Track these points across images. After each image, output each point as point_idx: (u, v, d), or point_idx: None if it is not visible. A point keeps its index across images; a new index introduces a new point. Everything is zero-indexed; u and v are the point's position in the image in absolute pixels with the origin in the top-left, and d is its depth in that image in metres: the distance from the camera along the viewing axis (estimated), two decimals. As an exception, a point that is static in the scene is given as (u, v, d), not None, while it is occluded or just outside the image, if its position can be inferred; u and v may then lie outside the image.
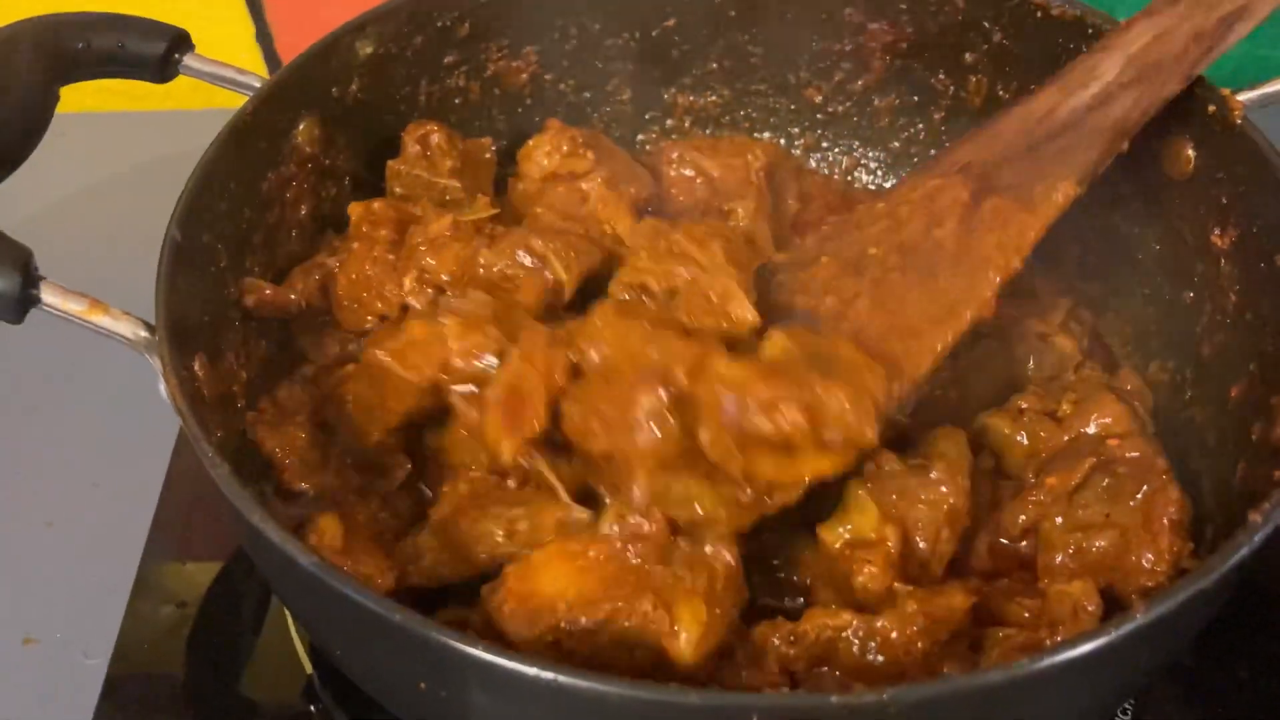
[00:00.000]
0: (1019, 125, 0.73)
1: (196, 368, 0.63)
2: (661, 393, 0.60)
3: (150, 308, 0.61)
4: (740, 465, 0.60)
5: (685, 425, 0.60)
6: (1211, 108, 0.70)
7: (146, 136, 0.98)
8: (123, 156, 0.98)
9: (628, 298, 0.70)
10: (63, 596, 0.75)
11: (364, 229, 0.74)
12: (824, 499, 0.64)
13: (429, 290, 0.72)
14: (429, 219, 0.74)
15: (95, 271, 0.64)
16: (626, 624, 0.57)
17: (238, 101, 0.72)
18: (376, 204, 0.75)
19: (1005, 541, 0.66)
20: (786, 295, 0.73)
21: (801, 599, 0.66)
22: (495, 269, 0.71)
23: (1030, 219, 0.68)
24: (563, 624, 0.57)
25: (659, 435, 0.60)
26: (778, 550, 0.67)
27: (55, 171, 0.71)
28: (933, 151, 0.86)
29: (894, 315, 0.68)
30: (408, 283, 0.72)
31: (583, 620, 0.57)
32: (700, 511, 0.61)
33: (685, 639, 0.57)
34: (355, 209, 0.75)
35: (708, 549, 0.60)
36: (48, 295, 0.60)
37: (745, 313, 0.68)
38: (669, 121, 0.91)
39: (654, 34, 0.86)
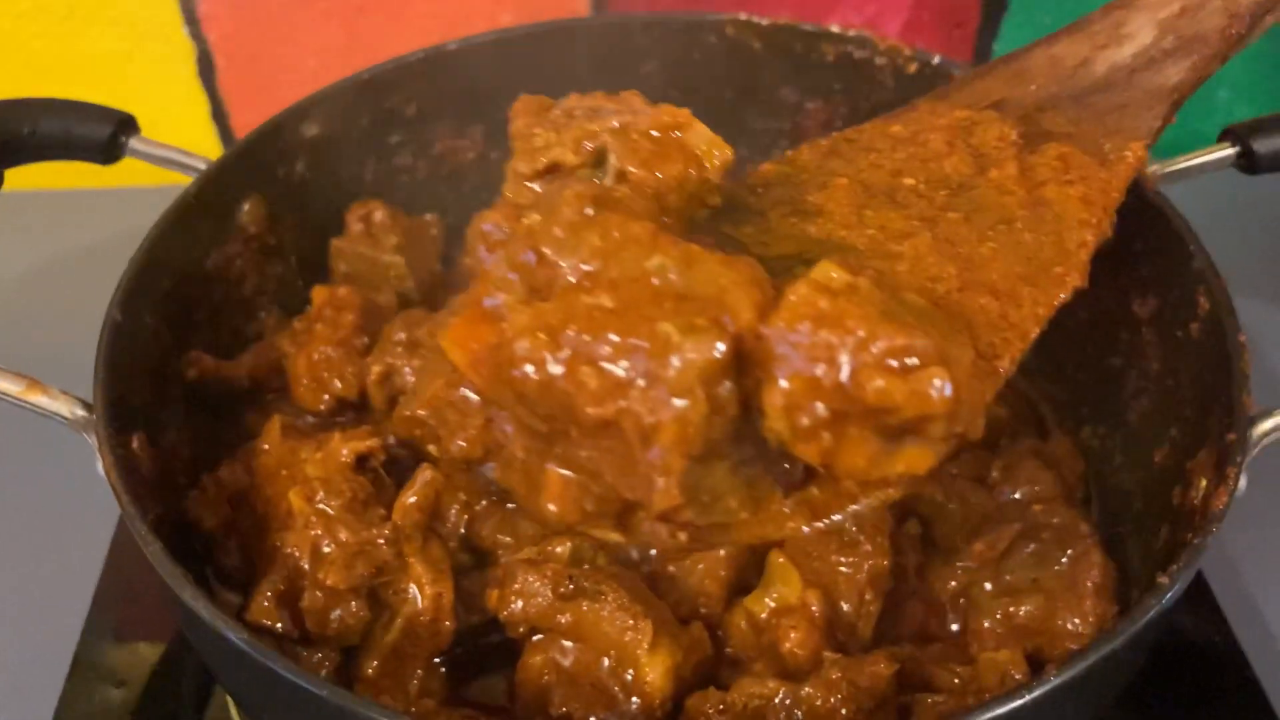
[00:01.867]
0: (1048, 68, 0.67)
1: (135, 446, 0.64)
2: (716, 343, 0.43)
3: (88, 387, 0.62)
4: (823, 449, 0.45)
5: (741, 387, 0.45)
6: (1128, 181, 0.72)
7: (94, 213, 0.98)
8: (69, 234, 0.99)
9: (539, 188, 0.54)
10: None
11: (327, 312, 0.75)
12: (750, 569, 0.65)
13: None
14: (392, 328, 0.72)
15: (37, 351, 0.65)
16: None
17: (183, 179, 0.74)
18: (341, 290, 0.76)
19: (934, 607, 0.67)
20: (796, 219, 0.59)
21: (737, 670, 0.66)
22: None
23: (1110, 177, 0.61)
24: None
25: (707, 400, 0.43)
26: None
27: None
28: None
29: (970, 265, 0.55)
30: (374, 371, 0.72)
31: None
32: (728, 514, 0.48)
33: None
34: (319, 293, 0.76)
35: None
36: (-15, 376, 0.61)
37: (719, 144, 0.53)
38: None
39: (597, 114, 0.88)
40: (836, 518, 0.50)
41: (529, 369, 0.44)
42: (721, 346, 0.43)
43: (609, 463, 0.45)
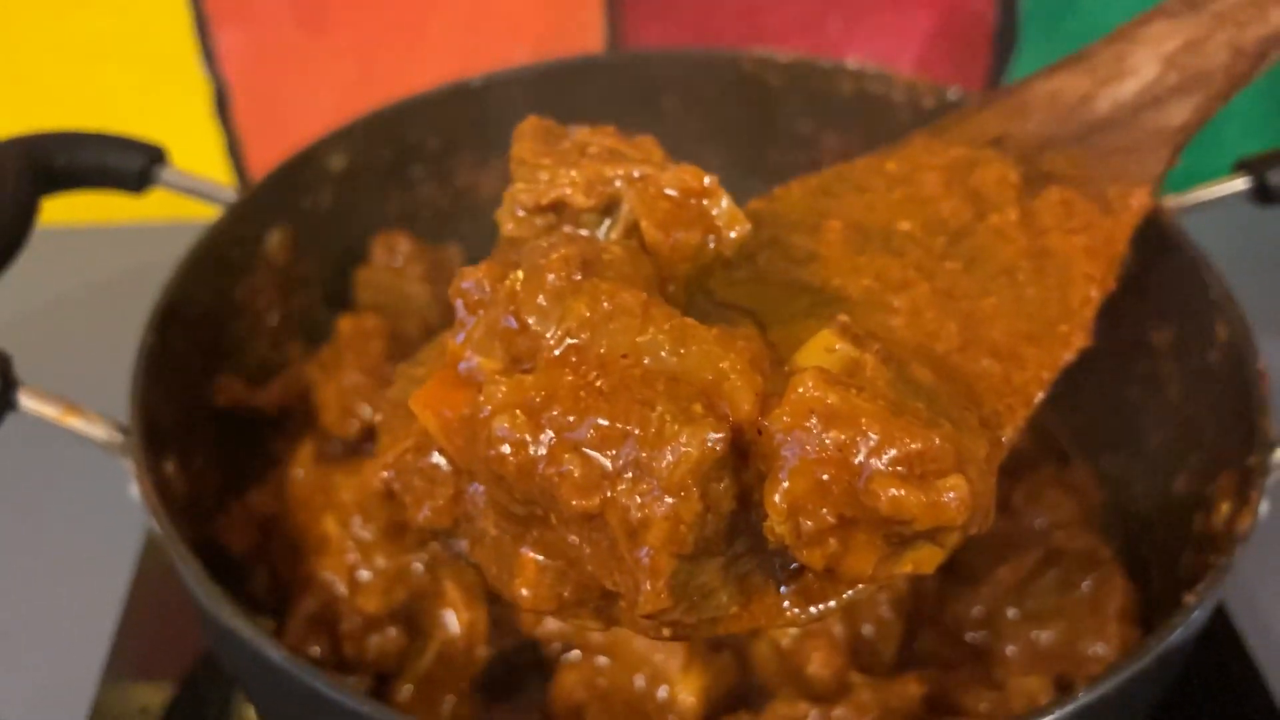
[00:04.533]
0: (1048, 103, 0.65)
1: (169, 470, 0.64)
2: (714, 435, 0.39)
3: (120, 414, 0.62)
4: (828, 554, 0.40)
5: (740, 481, 0.41)
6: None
7: (118, 250, 1.00)
8: (95, 268, 1.00)
9: (539, 222, 0.49)
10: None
11: (354, 341, 0.76)
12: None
13: None
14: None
15: (66, 380, 0.66)
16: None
17: (205, 214, 0.75)
18: (368, 319, 0.77)
19: (958, 633, 0.68)
20: (787, 263, 0.55)
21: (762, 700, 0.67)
22: None
23: (1114, 226, 0.58)
24: None
25: (701, 499, 0.39)
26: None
27: (30, 283, 0.73)
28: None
29: (971, 322, 0.52)
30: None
31: None
32: (718, 609, 0.43)
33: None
34: (346, 322, 0.77)
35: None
36: (25, 399, 0.61)
37: (740, 219, 0.48)
38: (631, 229, 0.94)
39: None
40: (831, 604, 0.43)
41: (506, 449, 0.40)
42: (719, 439, 0.39)
43: (591, 553, 0.40)
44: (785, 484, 0.39)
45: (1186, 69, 0.64)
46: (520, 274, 0.42)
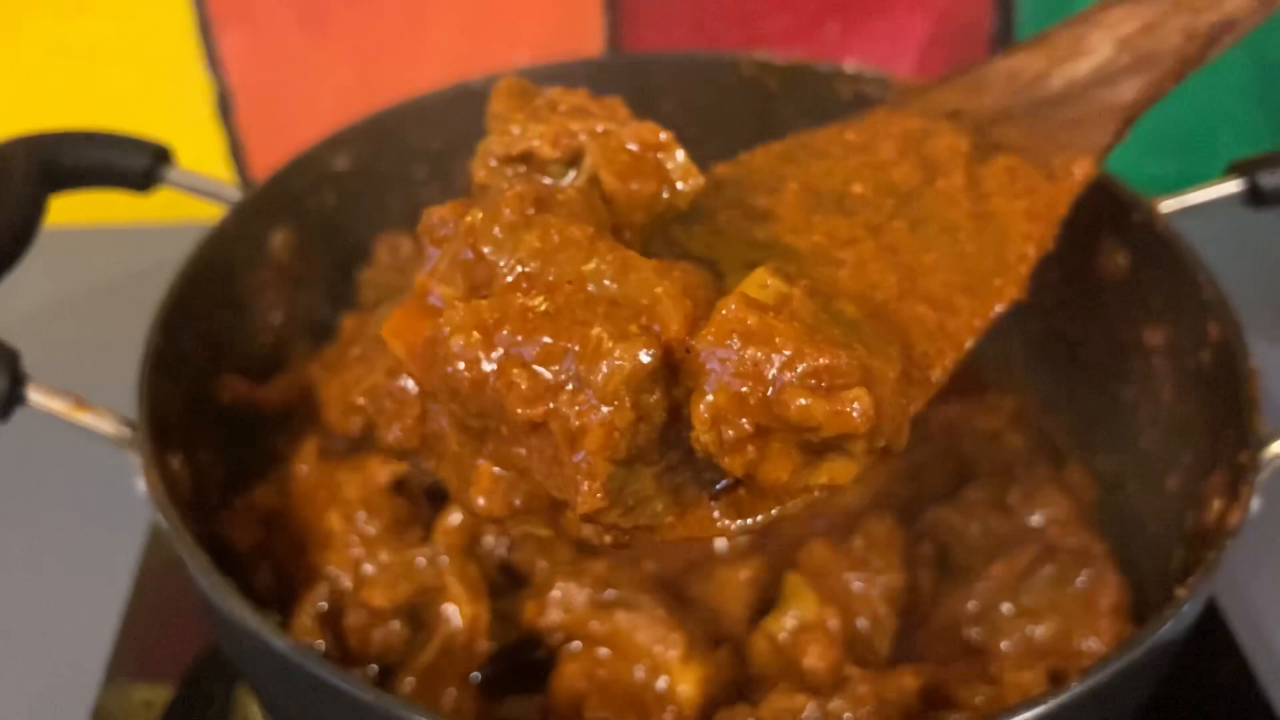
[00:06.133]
0: (1005, 80, 0.68)
1: (175, 465, 0.65)
2: (645, 351, 0.43)
3: (125, 411, 0.63)
4: (746, 461, 0.45)
5: (672, 396, 0.45)
6: (1138, 216, 0.74)
7: (122, 250, 1.01)
8: (100, 269, 1.01)
9: (509, 172, 0.54)
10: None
11: (357, 340, 0.77)
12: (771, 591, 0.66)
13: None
14: None
15: (70, 378, 0.66)
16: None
17: (209, 216, 0.76)
18: (369, 319, 0.78)
19: (953, 628, 0.69)
20: (745, 221, 0.58)
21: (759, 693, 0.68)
22: None
23: (1056, 192, 0.61)
24: None
25: (633, 408, 0.43)
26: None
27: (36, 282, 0.74)
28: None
29: (910, 274, 0.56)
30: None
31: None
32: (654, 517, 0.46)
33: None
34: (350, 321, 0.78)
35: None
36: (34, 394, 0.62)
37: (693, 172, 0.52)
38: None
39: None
40: (759, 518, 0.47)
41: (461, 366, 0.44)
42: (650, 354, 0.43)
43: (538, 462, 0.45)
44: (709, 396, 0.44)
45: (1140, 50, 0.66)
46: (479, 211, 0.47)
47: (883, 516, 0.70)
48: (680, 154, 0.51)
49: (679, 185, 0.51)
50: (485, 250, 0.46)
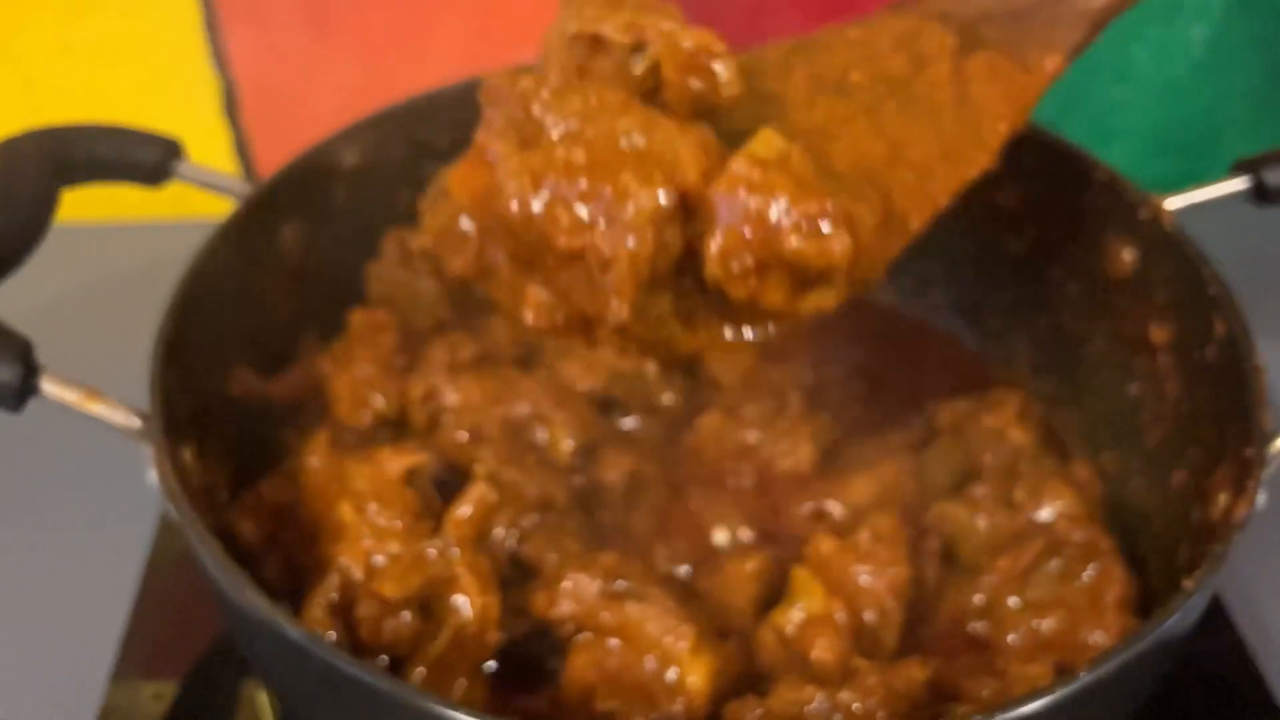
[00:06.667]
0: None
1: (186, 457, 0.65)
2: (664, 193, 0.52)
3: (136, 403, 0.64)
4: (749, 289, 0.54)
5: (689, 234, 0.54)
6: (1144, 213, 0.75)
7: (133, 246, 1.01)
8: (111, 263, 1.02)
9: (576, 49, 0.59)
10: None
11: (366, 334, 0.78)
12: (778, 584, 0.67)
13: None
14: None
15: (81, 370, 0.67)
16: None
17: (218, 212, 0.76)
18: (379, 313, 0.79)
19: (959, 622, 0.69)
20: (756, 102, 0.64)
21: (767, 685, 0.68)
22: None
23: (1028, 80, 0.67)
24: None
25: (654, 240, 0.52)
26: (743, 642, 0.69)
27: (48, 277, 0.74)
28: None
29: (897, 145, 0.63)
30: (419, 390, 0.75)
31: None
32: (672, 333, 0.56)
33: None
34: (358, 316, 0.79)
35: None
36: (47, 385, 0.62)
37: (737, 80, 0.57)
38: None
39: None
40: (759, 334, 0.57)
41: (514, 206, 0.52)
42: (668, 196, 0.52)
43: (576, 286, 0.54)
44: (719, 237, 0.53)
45: None
46: (530, 78, 0.56)
47: (889, 511, 0.71)
48: (730, 62, 0.58)
49: (722, 89, 0.57)
50: (534, 111, 0.55)
